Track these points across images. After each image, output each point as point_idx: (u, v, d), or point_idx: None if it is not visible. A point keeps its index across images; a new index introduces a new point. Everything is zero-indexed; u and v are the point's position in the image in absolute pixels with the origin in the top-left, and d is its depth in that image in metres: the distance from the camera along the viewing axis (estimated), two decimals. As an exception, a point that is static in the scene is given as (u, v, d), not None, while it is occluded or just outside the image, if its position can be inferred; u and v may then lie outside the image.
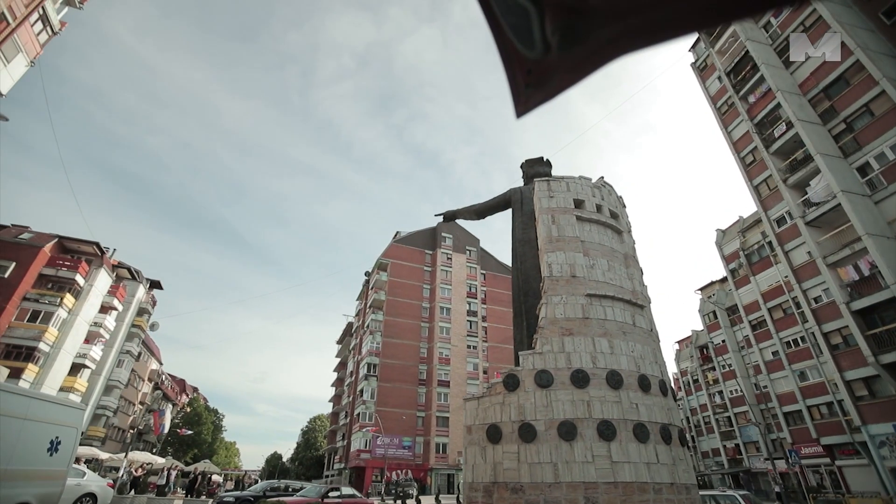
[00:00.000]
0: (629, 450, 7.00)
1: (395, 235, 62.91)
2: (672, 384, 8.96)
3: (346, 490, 15.98)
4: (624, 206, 10.99)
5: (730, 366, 43.94)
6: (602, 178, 10.71)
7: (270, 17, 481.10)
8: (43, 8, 21.30)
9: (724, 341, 44.36)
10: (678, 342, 61.85)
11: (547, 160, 12.05)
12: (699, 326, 50.91)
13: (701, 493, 12.84)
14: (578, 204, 9.68)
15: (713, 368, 48.11)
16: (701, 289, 50.02)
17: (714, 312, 45.72)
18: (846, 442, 26.99)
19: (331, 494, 14.81)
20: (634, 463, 6.91)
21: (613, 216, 10.03)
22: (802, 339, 31.06)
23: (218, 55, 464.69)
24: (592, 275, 8.70)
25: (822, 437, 28.66)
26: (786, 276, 29.80)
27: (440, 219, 13.23)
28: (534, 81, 0.79)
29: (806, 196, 24.85)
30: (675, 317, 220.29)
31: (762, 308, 34.15)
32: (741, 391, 41.52)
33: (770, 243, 32.04)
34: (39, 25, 21.79)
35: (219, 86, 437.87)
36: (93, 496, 12.32)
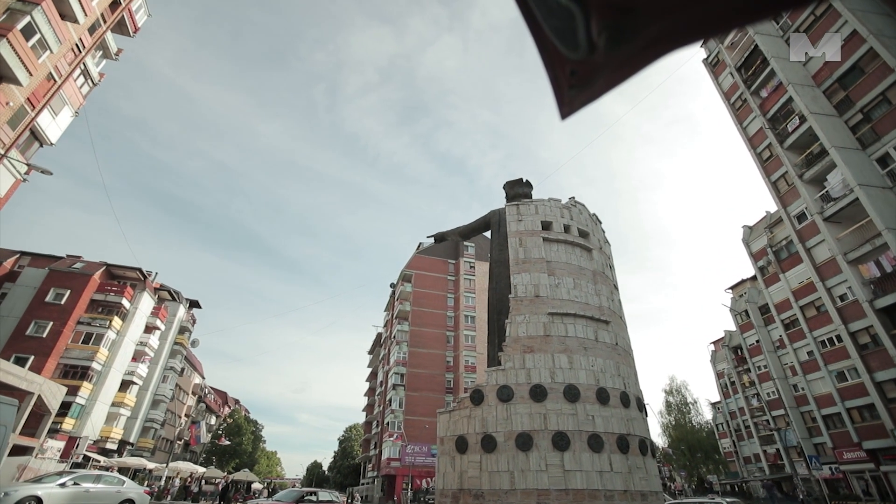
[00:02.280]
0: (582, 459, 7.51)
1: (419, 247, 64.11)
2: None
3: (324, 496, 15.98)
4: (598, 224, 11.43)
5: (765, 367, 42.18)
6: (573, 198, 11.21)
7: (297, 39, 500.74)
8: (84, 64, 23.87)
9: (757, 341, 42.65)
10: (713, 343, 59.62)
11: (527, 181, 12.65)
12: (732, 326, 49.11)
13: (691, 499, 12.92)
14: (546, 226, 10.25)
15: (748, 370, 46.25)
16: (731, 287, 48.28)
17: (746, 312, 44.05)
18: (891, 446, 25.52)
19: (306, 499, 14.70)
20: (587, 471, 7.40)
21: (583, 235, 10.51)
22: (838, 337, 29.55)
23: (249, 79, 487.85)
24: (556, 293, 9.25)
25: (864, 440, 27.20)
26: (815, 273, 28.62)
27: (431, 240, 14.07)
28: (578, 82, 0.79)
29: (824, 191, 24.03)
30: (707, 317, 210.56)
31: (794, 306, 32.72)
32: (777, 393, 39.78)
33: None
34: (81, 79, 24.40)
35: (251, 108, 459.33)
36: (131, 502, 13.82)
